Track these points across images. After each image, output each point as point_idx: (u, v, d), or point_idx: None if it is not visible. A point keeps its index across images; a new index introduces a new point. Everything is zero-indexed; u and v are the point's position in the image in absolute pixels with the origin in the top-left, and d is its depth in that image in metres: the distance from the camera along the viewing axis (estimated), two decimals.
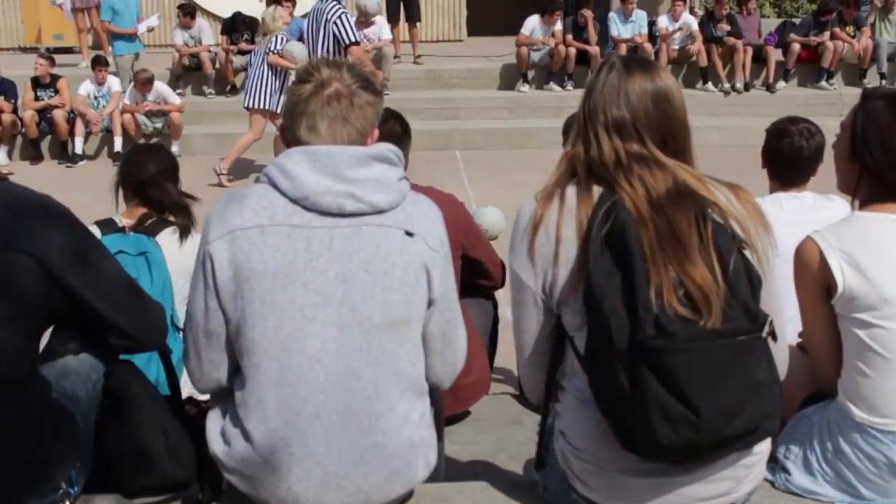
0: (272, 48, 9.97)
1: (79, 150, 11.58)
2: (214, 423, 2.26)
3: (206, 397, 2.51)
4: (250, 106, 10.14)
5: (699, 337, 1.96)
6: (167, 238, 3.50)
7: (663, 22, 13.69)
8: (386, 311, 2.14)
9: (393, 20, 13.50)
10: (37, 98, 11.71)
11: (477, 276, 3.82)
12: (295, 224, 2.13)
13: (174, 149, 11.50)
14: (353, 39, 8.76)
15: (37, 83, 11.74)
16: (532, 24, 13.38)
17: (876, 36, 13.93)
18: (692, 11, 14.98)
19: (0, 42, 17.17)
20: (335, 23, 8.69)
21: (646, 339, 1.94)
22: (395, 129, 3.50)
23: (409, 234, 2.17)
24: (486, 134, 12.21)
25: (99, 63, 11.91)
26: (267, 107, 9.98)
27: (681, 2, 13.84)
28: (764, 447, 2.20)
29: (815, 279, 2.44)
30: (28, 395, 2.19)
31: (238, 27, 13.19)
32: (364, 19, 11.59)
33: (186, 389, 2.72)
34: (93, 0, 13.24)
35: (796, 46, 13.61)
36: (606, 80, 2.18)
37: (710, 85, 13.36)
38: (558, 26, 13.40)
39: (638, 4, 13.83)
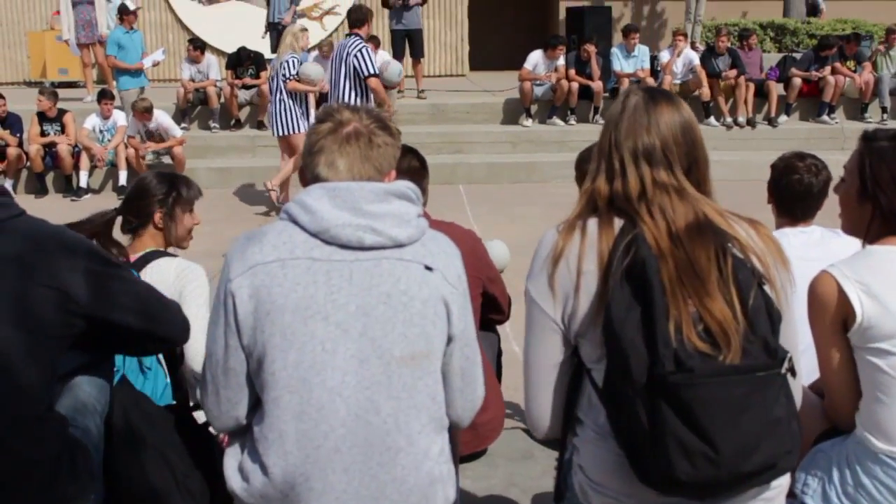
0: (288, 74, 9.93)
1: (84, 183, 11.61)
2: (232, 459, 2.25)
3: None
4: (282, 134, 10.12)
5: (718, 372, 1.95)
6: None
7: (665, 57, 13.78)
8: (405, 344, 2.14)
9: (397, 56, 13.56)
10: (43, 132, 11.75)
11: (490, 310, 3.83)
12: (315, 257, 2.14)
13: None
14: (371, 71, 9.02)
15: (43, 118, 11.80)
16: (535, 58, 13.46)
17: (878, 70, 14.00)
18: (693, 47, 15.08)
19: (6, 76, 17.28)
20: (355, 56, 8.97)
21: (664, 373, 1.93)
22: (412, 164, 3.54)
23: (428, 268, 2.18)
24: (489, 168, 12.25)
25: (105, 97, 11.97)
26: (299, 131, 9.99)
27: (682, 36, 13.94)
28: (783, 482, 2.18)
29: (833, 312, 2.45)
30: (46, 430, 2.19)
31: (243, 62, 13.26)
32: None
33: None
34: (98, 35, 13.31)
35: (798, 81, 13.68)
36: (633, 108, 2.17)
37: (712, 119, 13.42)
38: (561, 61, 13.48)
39: (640, 39, 13.93)
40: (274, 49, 13.74)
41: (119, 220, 3.50)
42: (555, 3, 21.54)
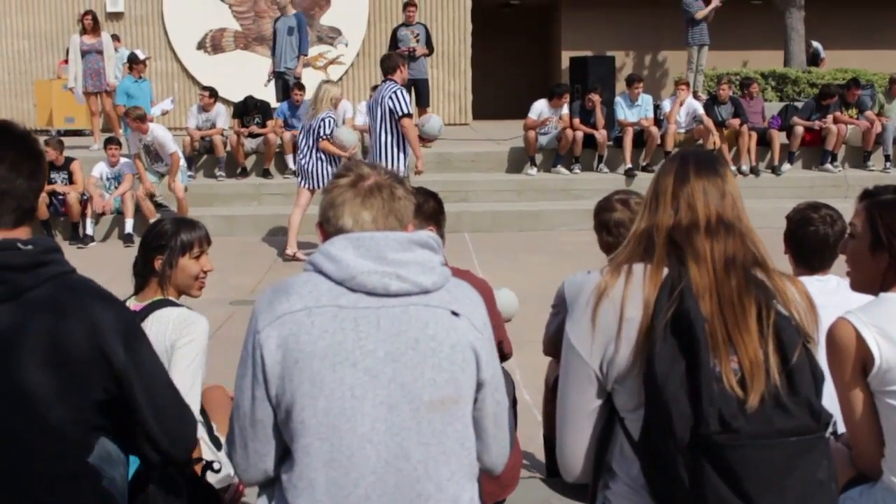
0: (323, 133, 10.15)
1: (90, 231, 11.64)
2: None
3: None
4: (315, 187, 10.32)
5: (764, 434, 1.93)
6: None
7: (668, 106, 13.88)
8: (435, 390, 2.15)
9: None
10: (50, 181, 11.81)
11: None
12: (342, 305, 2.15)
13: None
14: (405, 111, 9.35)
15: (50, 166, 11.84)
16: (540, 107, 13.55)
17: (886, 114, 14.07)
18: (695, 96, 15.18)
19: None
20: (390, 97, 9.28)
21: (709, 433, 1.92)
22: (432, 206, 3.57)
23: (454, 314, 2.20)
24: (494, 216, 12.28)
25: (112, 143, 12.04)
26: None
27: (684, 86, 14.04)
28: None
29: (852, 358, 2.48)
30: (82, 487, 2.18)
31: (249, 111, 13.35)
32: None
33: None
34: (105, 84, 13.42)
35: (800, 129, 13.76)
36: (695, 156, 2.23)
37: None
38: (565, 110, 13.57)
39: (642, 89, 14.03)
40: (280, 98, 13.90)
41: None
42: (556, 53, 21.76)
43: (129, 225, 11.58)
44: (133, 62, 12.84)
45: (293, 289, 2.20)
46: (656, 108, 14.17)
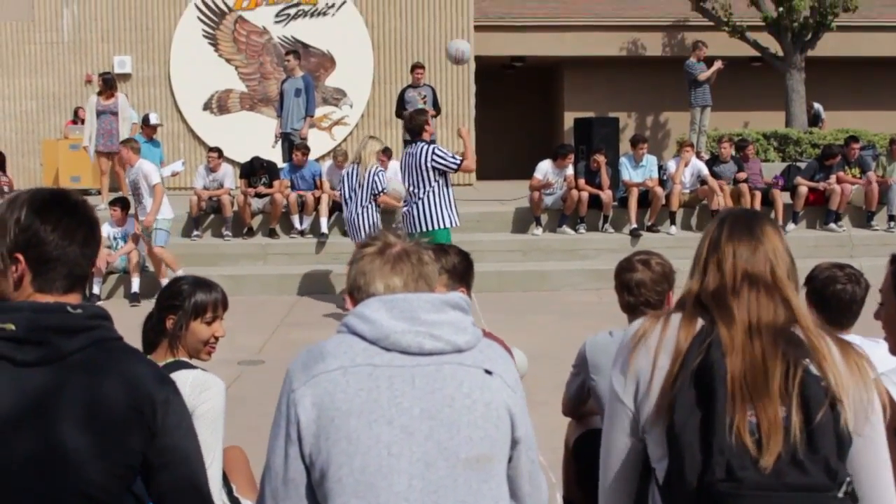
0: (378, 188, 10.44)
1: (96, 290, 11.61)
2: None
3: None
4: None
5: (769, 487, 1.95)
6: None
7: (672, 167, 13.96)
8: (471, 447, 2.16)
9: None
10: None
11: None
12: (376, 364, 2.17)
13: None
14: (458, 162, 9.50)
15: None
16: (545, 168, 13.63)
17: (886, 175, 14.15)
18: (698, 156, 15.28)
19: (18, 183, 17.44)
20: (435, 157, 9.36)
21: (713, 481, 1.96)
22: (461, 263, 3.58)
23: (488, 372, 2.22)
24: (500, 276, 12.29)
25: (118, 204, 12.09)
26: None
27: (689, 146, 14.16)
28: None
29: (888, 418, 2.46)
30: None
31: (256, 171, 13.43)
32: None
33: None
34: (115, 145, 13.50)
35: (804, 189, 13.83)
36: (737, 216, 2.28)
37: None
38: (570, 170, 13.64)
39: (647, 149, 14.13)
40: (286, 158, 13.99)
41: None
42: (559, 114, 21.99)
43: (135, 284, 11.57)
44: (145, 124, 12.94)
45: (327, 349, 2.22)
46: (660, 168, 14.26)
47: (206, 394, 3.26)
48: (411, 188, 9.58)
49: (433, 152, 9.42)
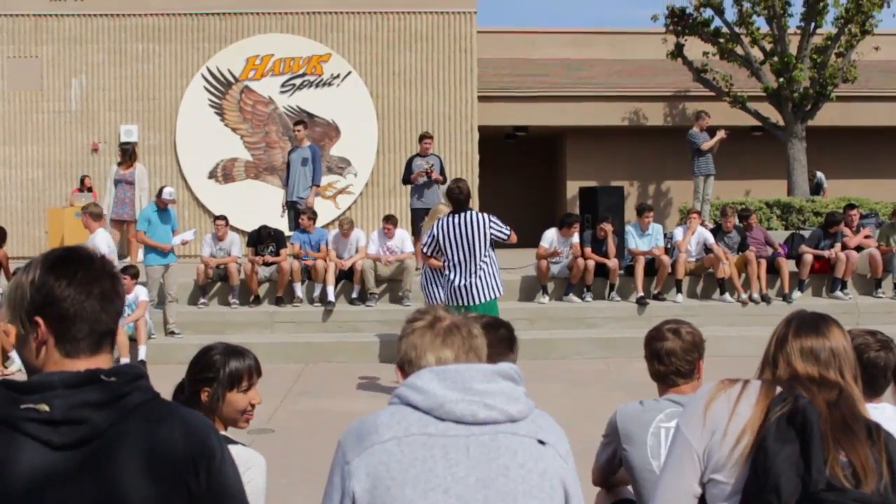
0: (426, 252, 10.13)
1: (142, 355, 11.53)
2: None
3: None
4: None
5: (865, 499, 2.13)
6: None
7: (678, 235, 14.01)
8: None
9: (417, 232, 13.80)
10: None
11: None
12: (431, 433, 2.18)
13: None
14: (509, 232, 9.40)
15: None
16: (550, 237, 13.68)
17: (888, 243, 14.20)
18: (702, 225, 15.35)
19: (22, 251, 17.49)
20: (493, 225, 9.26)
21: (817, 491, 2.11)
22: (505, 335, 3.58)
23: (541, 442, 2.24)
24: None
25: (127, 272, 12.08)
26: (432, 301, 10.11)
27: (695, 214, 14.22)
28: None
29: None
30: None
31: (264, 240, 13.46)
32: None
33: None
34: (127, 214, 13.52)
35: (809, 258, 13.87)
36: (804, 318, 2.45)
37: (727, 296, 13.51)
38: (575, 238, 13.69)
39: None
40: (292, 227, 14.02)
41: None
42: (561, 182, 22.14)
43: (142, 352, 11.53)
44: (159, 196, 13.02)
45: (380, 420, 2.23)
46: (666, 236, 14.31)
47: (250, 472, 3.16)
48: (457, 257, 9.24)
49: (491, 221, 9.27)
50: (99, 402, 1.98)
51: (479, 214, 9.34)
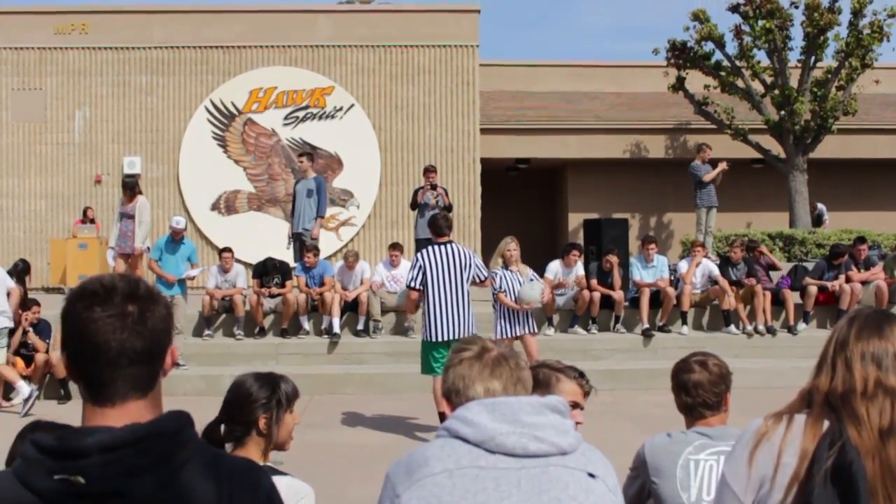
0: (496, 287, 10.15)
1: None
2: None
3: None
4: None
5: None
6: None
7: (683, 267, 14.02)
8: None
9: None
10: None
11: None
12: (482, 466, 2.16)
13: None
14: (486, 274, 9.53)
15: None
16: (554, 268, 13.70)
17: (890, 275, 14.22)
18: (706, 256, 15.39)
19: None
20: (475, 262, 9.36)
21: None
22: (546, 373, 3.56)
23: (591, 475, 2.22)
24: None
25: None
26: (501, 336, 10.20)
27: (700, 247, 14.24)
28: None
29: None
30: None
31: (269, 271, 13.45)
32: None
33: None
34: (129, 246, 13.46)
35: (813, 290, 13.88)
36: (867, 317, 2.26)
37: (732, 327, 13.51)
38: (581, 270, 13.70)
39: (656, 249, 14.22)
40: (297, 258, 14.01)
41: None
42: (563, 214, 22.18)
43: None
44: (172, 228, 13.07)
45: (430, 453, 2.21)
46: (671, 268, 14.32)
47: (303, 502, 3.17)
48: (444, 288, 9.13)
49: (473, 257, 9.35)
50: (141, 468, 1.72)
51: (463, 247, 9.45)
